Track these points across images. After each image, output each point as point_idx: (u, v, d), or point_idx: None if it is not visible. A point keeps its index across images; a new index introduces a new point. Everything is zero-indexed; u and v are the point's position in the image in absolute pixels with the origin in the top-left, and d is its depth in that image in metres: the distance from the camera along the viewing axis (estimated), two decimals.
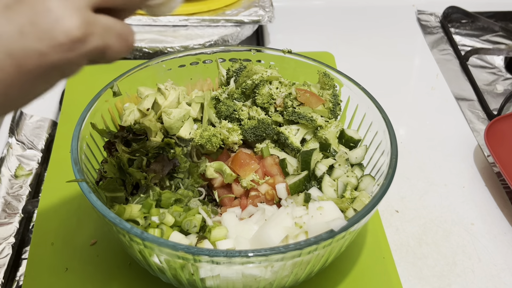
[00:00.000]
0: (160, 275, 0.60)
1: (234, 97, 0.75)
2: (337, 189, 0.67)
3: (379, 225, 0.76)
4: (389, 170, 0.61)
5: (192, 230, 0.61)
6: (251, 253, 0.50)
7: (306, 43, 1.17)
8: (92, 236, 0.71)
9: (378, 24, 1.27)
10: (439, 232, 0.78)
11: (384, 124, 0.67)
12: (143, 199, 0.63)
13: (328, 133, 0.71)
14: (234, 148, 0.72)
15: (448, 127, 0.98)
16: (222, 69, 0.80)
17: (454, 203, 0.83)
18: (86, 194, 0.55)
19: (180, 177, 0.67)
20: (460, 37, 1.23)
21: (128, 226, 0.51)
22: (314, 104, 0.73)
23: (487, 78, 1.11)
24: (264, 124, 0.71)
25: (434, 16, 1.29)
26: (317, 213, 0.59)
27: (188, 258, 0.50)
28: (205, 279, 0.55)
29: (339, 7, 1.32)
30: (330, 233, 0.52)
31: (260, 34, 1.18)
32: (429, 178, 0.87)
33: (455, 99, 1.04)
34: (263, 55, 0.80)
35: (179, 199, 0.64)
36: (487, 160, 0.90)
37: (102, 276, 0.67)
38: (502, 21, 1.28)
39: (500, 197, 0.84)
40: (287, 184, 0.67)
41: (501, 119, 0.90)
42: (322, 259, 0.58)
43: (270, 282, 0.57)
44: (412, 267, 0.73)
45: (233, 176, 0.68)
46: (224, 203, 0.68)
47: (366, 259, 0.71)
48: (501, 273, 0.72)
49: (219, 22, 1.08)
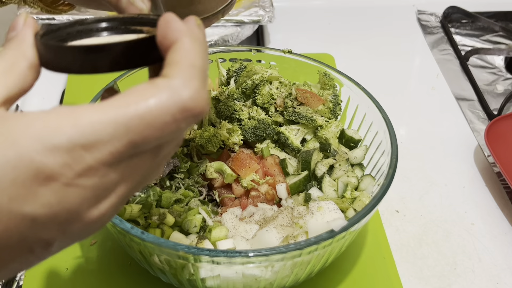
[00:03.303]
0: (160, 275, 0.60)
1: (234, 97, 0.75)
2: (338, 189, 0.67)
3: (379, 225, 0.76)
4: (390, 170, 0.61)
5: (192, 230, 0.61)
6: (252, 253, 0.50)
7: (306, 43, 1.17)
8: (92, 236, 0.71)
9: (378, 24, 1.27)
10: (439, 232, 0.78)
11: (384, 124, 0.67)
12: (143, 199, 0.63)
13: (329, 133, 0.71)
14: (234, 148, 0.72)
15: (448, 127, 0.98)
16: (222, 69, 0.80)
17: (454, 203, 0.83)
18: None
19: (181, 177, 0.67)
20: (460, 37, 1.23)
21: (128, 226, 0.51)
22: (314, 104, 0.73)
23: (487, 78, 1.11)
24: (264, 124, 0.71)
25: (434, 16, 1.29)
26: (317, 213, 0.59)
27: (189, 258, 0.50)
28: (205, 279, 0.55)
29: (339, 7, 1.32)
30: (331, 233, 0.52)
31: (260, 34, 1.18)
32: (429, 178, 0.87)
33: (455, 99, 1.04)
34: (263, 55, 0.80)
35: (179, 199, 0.64)
36: (487, 160, 0.90)
37: (102, 276, 0.67)
38: (503, 21, 1.28)
39: (501, 197, 0.84)
40: (287, 184, 0.67)
41: (502, 119, 0.90)
42: (323, 259, 0.58)
43: (270, 282, 0.57)
44: (412, 267, 0.73)
45: (234, 176, 0.68)
46: (225, 203, 0.68)
47: (367, 259, 0.71)
48: (501, 273, 0.72)
49: (219, 22, 1.08)
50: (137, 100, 0.30)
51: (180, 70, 0.31)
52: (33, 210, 0.28)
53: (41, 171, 0.28)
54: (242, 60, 0.79)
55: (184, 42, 0.33)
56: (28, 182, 0.27)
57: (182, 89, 0.31)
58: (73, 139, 0.28)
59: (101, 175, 0.30)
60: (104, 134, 0.29)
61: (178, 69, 0.31)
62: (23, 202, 0.28)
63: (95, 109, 0.29)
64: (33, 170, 0.27)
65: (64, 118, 0.28)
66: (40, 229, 0.29)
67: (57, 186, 0.28)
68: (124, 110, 0.29)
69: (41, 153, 0.27)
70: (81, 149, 0.28)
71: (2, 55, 0.34)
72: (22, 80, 0.33)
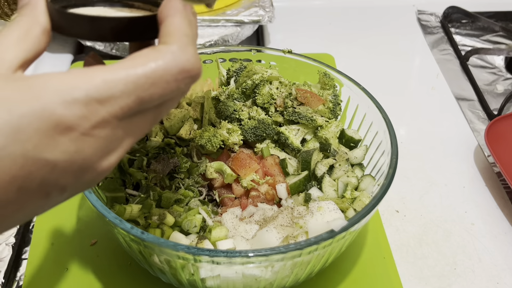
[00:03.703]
0: (160, 275, 0.60)
1: (234, 97, 0.75)
2: (338, 189, 0.67)
3: (379, 225, 0.76)
4: (390, 170, 0.61)
5: (192, 230, 0.61)
6: (252, 253, 0.50)
7: (306, 43, 1.17)
8: (92, 236, 0.71)
9: (378, 24, 1.27)
10: (439, 232, 0.78)
11: (384, 124, 0.67)
12: (143, 199, 0.63)
13: (329, 133, 0.71)
14: (234, 148, 0.72)
15: (449, 127, 0.98)
16: (222, 69, 0.80)
17: (454, 203, 0.83)
18: (86, 194, 0.55)
19: (180, 177, 0.67)
20: (460, 37, 1.23)
21: (128, 226, 0.51)
22: (314, 104, 0.73)
23: (487, 78, 1.11)
24: (264, 124, 0.71)
25: (434, 16, 1.29)
26: (317, 213, 0.59)
27: (189, 258, 0.50)
28: (205, 279, 0.55)
29: (339, 7, 1.32)
30: (331, 233, 0.52)
31: (260, 34, 1.18)
32: (430, 178, 0.87)
33: (455, 99, 1.04)
34: (263, 55, 0.80)
35: (179, 199, 0.64)
36: (488, 160, 0.90)
37: (102, 276, 0.67)
38: (503, 21, 1.28)
39: (501, 197, 0.84)
40: (287, 184, 0.67)
41: (502, 119, 0.90)
42: (323, 259, 0.58)
43: (270, 282, 0.57)
44: (413, 267, 0.73)
45: (234, 176, 0.68)
46: (225, 203, 0.68)
47: (367, 259, 0.71)
48: (501, 273, 0.72)
49: (219, 22, 1.08)
50: (143, 62, 0.34)
51: (176, 38, 0.36)
52: (54, 157, 0.31)
53: (61, 122, 0.31)
54: (242, 60, 0.79)
55: (176, 16, 0.38)
56: (50, 132, 0.31)
57: (180, 54, 0.36)
58: (89, 93, 0.32)
59: (112, 127, 0.34)
60: (116, 90, 0.33)
61: (174, 38, 0.36)
62: (45, 149, 0.31)
63: (107, 69, 0.33)
64: (55, 120, 0.31)
65: (80, 76, 0.32)
66: (58, 175, 0.32)
67: (75, 136, 0.32)
68: (133, 71, 0.34)
69: (62, 106, 0.31)
70: (96, 103, 0.32)
71: (17, 21, 0.37)
72: (37, 44, 0.37)
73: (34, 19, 0.37)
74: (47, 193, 0.33)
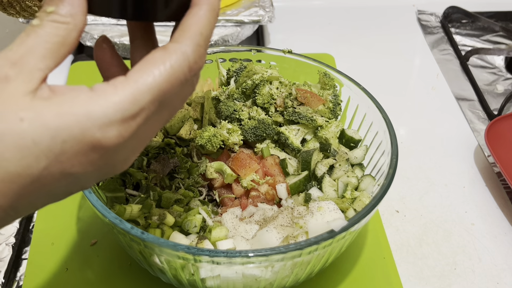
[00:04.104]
0: (161, 275, 0.60)
1: (234, 97, 0.75)
2: (338, 189, 0.67)
3: (379, 225, 0.76)
4: (390, 170, 0.61)
5: (192, 230, 0.61)
6: (252, 253, 0.50)
7: (306, 43, 1.17)
8: (92, 236, 0.71)
9: (378, 24, 1.27)
10: (439, 232, 0.78)
11: (384, 124, 0.67)
12: (143, 199, 0.63)
13: (329, 133, 0.71)
14: (234, 148, 0.72)
15: (449, 127, 0.98)
16: (222, 69, 0.80)
17: (454, 203, 0.83)
18: (86, 194, 0.55)
19: (181, 177, 0.67)
20: (460, 37, 1.23)
21: (128, 227, 0.51)
22: (314, 104, 0.73)
23: (487, 78, 1.11)
24: (264, 124, 0.71)
25: (435, 16, 1.29)
26: (317, 213, 0.59)
27: (189, 259, 0.50)
28: (205, 279, 0.55)
29: (339, 7, 1.32)
30: (331, 233, 0.52)
31: (260, 34, 1.18)
32: (430, 178, 0.87)
33: (456, 99, 1.04)
34: (263, 55, 0.80)
35: (179, 199, 0.64)
36: (488, 160, 0.90)
37: (102, 276, 0.67)
38: (503, 21, 1.28)
39: (501, 197, 0.84)
40: (287, 184, 0.67)
41: (502, 119, 0.90)
42: (323, 259, 0.58)
43: (270, 282, 0.57)
44: (413, 267, 0.73)
45: (234, 176, 0.68)
46: (225, 203, 0.68)
47: (367, 259, 0.71)
48: (501, 273, 0.72)
49: (219, 22, 1.08)
50: (160, 68, 0.35)
51: (190, 37, 0.37)
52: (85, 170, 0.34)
53: (99, 144, 0.33)
54: (242, 60, 0.79)
55: (202, 8, 0.38)
56: (87, 152, 0.33)
57: (191, 55, 0.37)
58: (124, 114, 0.34)
59: (137, 135, 0.36)
60: (145, 102, 0.34)
61: (188, 35, 0.37)
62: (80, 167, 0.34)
63: (132, 82, 0.34)
64: (92, 143, 0.33)
65: (112, 96, 0.33)
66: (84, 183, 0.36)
67: (109, 152, 0.34)
68: (156, 78, 0.35)
69: (100, 130, 0.33)
70: (130, 119, 0.34)
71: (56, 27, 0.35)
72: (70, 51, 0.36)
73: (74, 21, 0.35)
74: (70, 193, 0.37)
